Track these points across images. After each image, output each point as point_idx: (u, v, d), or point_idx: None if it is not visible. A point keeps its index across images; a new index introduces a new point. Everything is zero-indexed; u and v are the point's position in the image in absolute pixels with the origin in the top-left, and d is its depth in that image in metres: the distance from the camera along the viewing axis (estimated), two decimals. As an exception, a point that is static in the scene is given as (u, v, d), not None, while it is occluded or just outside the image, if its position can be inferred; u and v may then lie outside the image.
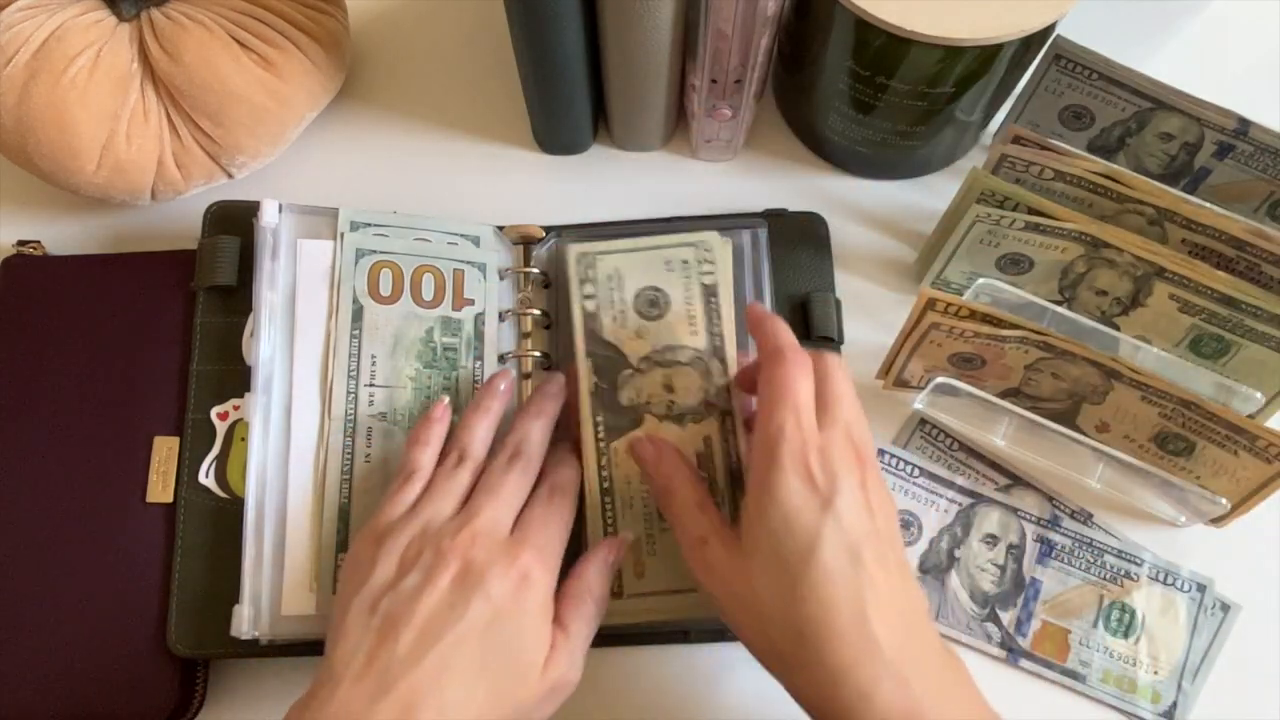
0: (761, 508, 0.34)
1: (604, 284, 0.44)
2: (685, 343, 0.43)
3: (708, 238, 0.44)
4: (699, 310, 0.43)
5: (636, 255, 0.44)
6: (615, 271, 0.44)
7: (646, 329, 0.44)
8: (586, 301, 0.44)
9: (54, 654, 0.44)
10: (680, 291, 0.44)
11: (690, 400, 0.43)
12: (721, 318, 0.43)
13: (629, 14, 0.45)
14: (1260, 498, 0.45)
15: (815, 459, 0.34)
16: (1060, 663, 0.47)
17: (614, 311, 0.44)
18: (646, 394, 0.43)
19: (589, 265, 0.44)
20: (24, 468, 0.47)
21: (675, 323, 0.43)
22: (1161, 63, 0.50)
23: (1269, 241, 0.44)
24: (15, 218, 0.55)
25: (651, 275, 0.44)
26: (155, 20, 0.48)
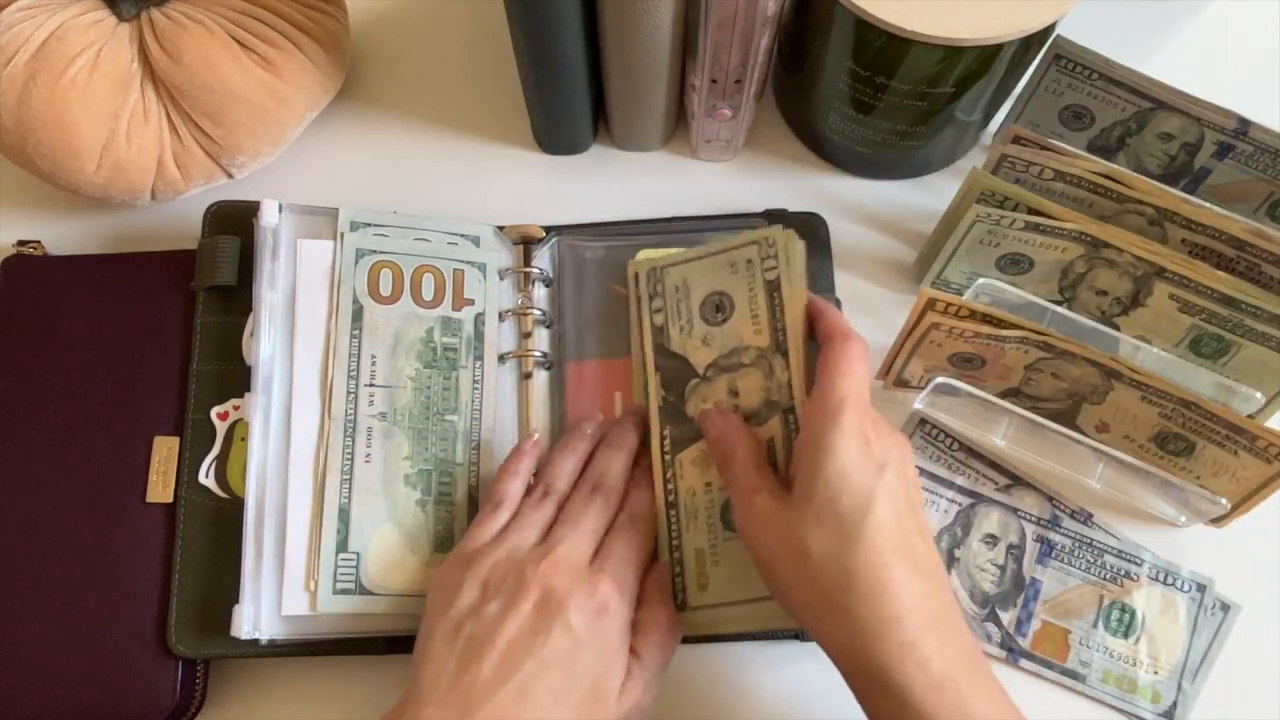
0: (817, 463, 0.35)
1: (671, 296, 0.45)
2: (749, 342, 0.43)
3: (771, 233, 0.43)
4: (762, 307, 0.43)
5: (704, 263, 0.44)
6: (683, 282, 0.44)
7: (712, 335, 0.43)
8: (655, 315, 0.44)
9: (54, 654, 0.44)
10: (744, 291, 0.43)
11: (753, 401, 0.42)
12: (785, 311, 0.42)
13: (629, 14, 0.45)
14: (1260, 498, 0.45)
15: (871, 429, 0.36)
16: (1060, 663, 0.47)
17: (680, 322, 0.44)
18: (712, 401, 0.43)
19: (657, 280, 0.45)
20: (24, 468, 0.47)
21: (739, 324, 0.43)
22: (1161, 63, 0.50)
23: (1269, 241, 0.44)
24: (15, 218, 0.55)
25: (718, 280, 0.44)
26: (155, 20, 0.49)
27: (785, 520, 0.36)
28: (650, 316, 0.44)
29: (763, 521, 0.37)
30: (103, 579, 0.45)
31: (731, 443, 0.41)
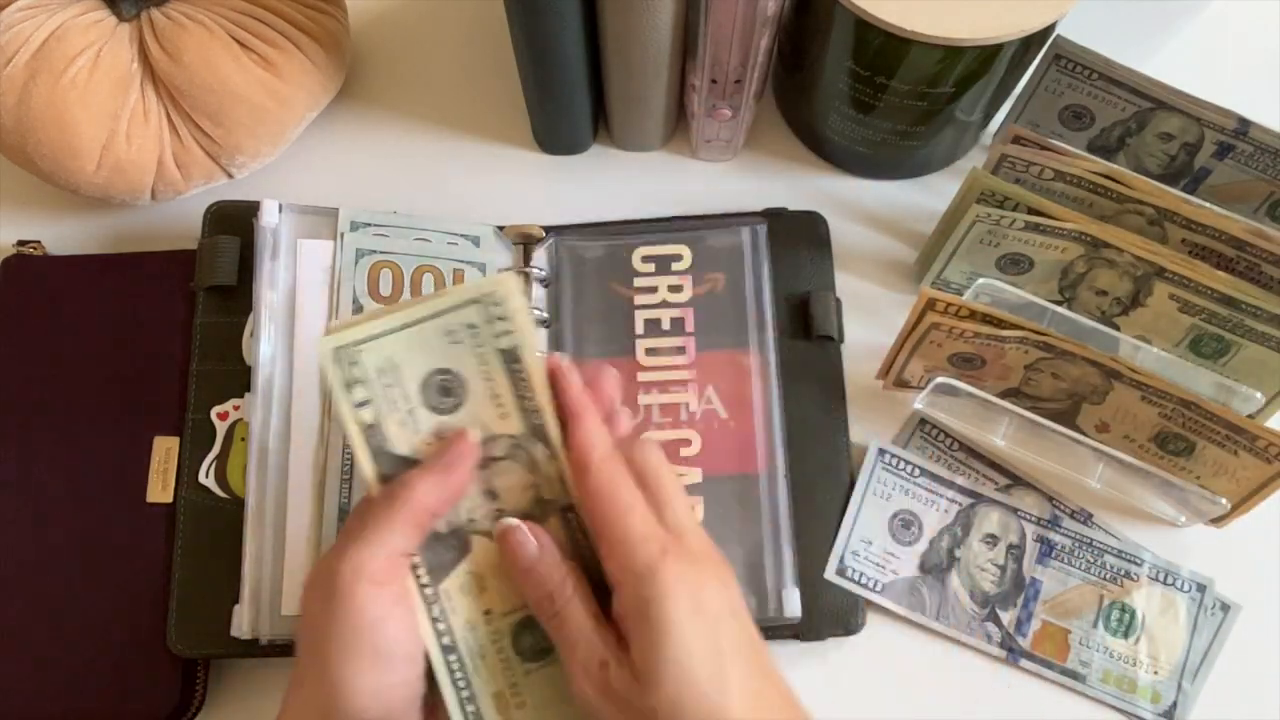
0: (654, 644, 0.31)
1: (377, 382, 0.33)
2: (497, 431, 0.34)
3: (494, 286, 0.33)
4: (503, 385, 0.34)
5: (410, 334, 0.33)
6: (388, 362, 0.33)
7: (446, 427, 0.34)
8: (361, 411, 0.33)
9: (54, 654, 0.44)
10: (474, 366, 0.34)
11: (521, 502, 0.34)
12: (533, 386, 0.33)
13: (629, 14, 0.45)
14: (1260, 498, 0.45)
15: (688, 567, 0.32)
16: (1060, 663, 0.47)
17: (399, 415, 0.34)
18: (465, 510, 0.34)
19: (352, 361, 0.33)
20: (24, 467, 0.47)
21: (479, 409, 0.34)
22: (1161, 63, 0.50)
23: (1269, 241, 0.44)
24: (15, 218, 0.55)
25: (434, 355, 0.33)
26: (155, 20, 0.49)
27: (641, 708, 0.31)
28: (356, 413, 0.33)
29: (620, 704, 0.32)
30: (103, 579, 0.45)
31: (554, 580, 0.33)
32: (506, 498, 0.34)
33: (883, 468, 0.49)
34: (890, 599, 0.47)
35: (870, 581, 0.47)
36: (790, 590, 0.46)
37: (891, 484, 0.49)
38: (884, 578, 0.48)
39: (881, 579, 0.48)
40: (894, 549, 0.48)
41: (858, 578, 0.47)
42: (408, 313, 0.33)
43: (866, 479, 0.49)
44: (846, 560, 0.48)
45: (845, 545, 0.48)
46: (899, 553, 0.48)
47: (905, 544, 0.48)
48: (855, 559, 0.48)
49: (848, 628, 0.46)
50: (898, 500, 0.49)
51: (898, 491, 0.49)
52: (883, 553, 0.48)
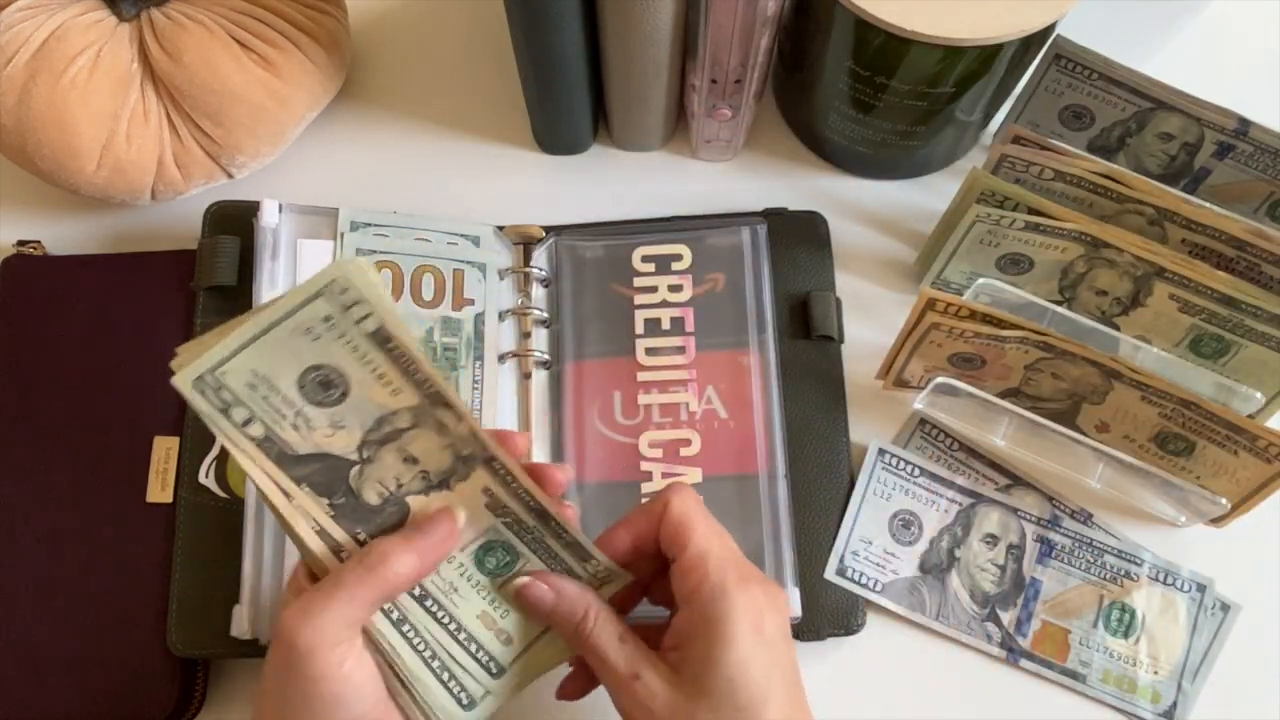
0: (713, 655, 0.34)
1: (252, 397, 0.33)
2: (394, 405, 0.34)
3: (334, 274, 0.31)
4: (385, 366, 0.33)
5: (265, 343, 0.32)
6: (254, 376, 0.32)
7: (340, 415, 0.34)
8: (249, 428, 0.33)
9: (54, 654, 0.44)
10: (348, 355, 0.33)
11: (442, 461, 0.35)
12: (417, 361, 0.33)
13: (629, 14, 0.45)
14: (1260, 498, 0.45)
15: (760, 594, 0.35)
16: (1060, 663, 0.47)
17: (289, 421, 0.33)
18: (392, 478, 0.35)
19: (218, 387, 0.32)
20: (24, 468, 0.47)
21: (368, 392, 0.34)
22: (1161, 63, 0.50)
23: (1269, 241, 0.44)
24: (15, 218, 0.55)
25: (301, 356, 0.33)
26: (155, 20, 0.49)
27: (676, 711, 0.34)
28: (243, 432, 0.33)
29: (648, 713, 0.34)
30: (103, 579, 0.45)
31: (577, 611, 0.36)
32: (427, 460, 0.35)
33: (883, 468, 0.49)
34: (890, 599, 0.47)
35: (870, 581, 0.47)
36: (790, 590, 0.46)
37: (891, 484, 0.49)
38: (884, 578, 0.48)
39: (881, 579, 0.48)
40: (894, 549, 0.48)
41: (858, 578, 0.47)
42: (254, 323, 0.32)
43: (866, 479, 0.49)
44: (846, 560, 0.48)
45: (845, 545, 0.48)
46: (899, 553, 0.48)
47: (905, 544, 0.48)
48: (855, 559, 0.48)
49: (848, 628, 0.46)
50: (898, 500, 0.49)
51: (898, 491, 0.49)
52: (883, 553, 0.48)
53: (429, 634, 0.37)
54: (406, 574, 0.35)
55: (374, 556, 0.34)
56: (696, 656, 0.34)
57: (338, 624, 0.34)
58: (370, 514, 0.35)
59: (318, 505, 0.35)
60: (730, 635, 0.34)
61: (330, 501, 0.35)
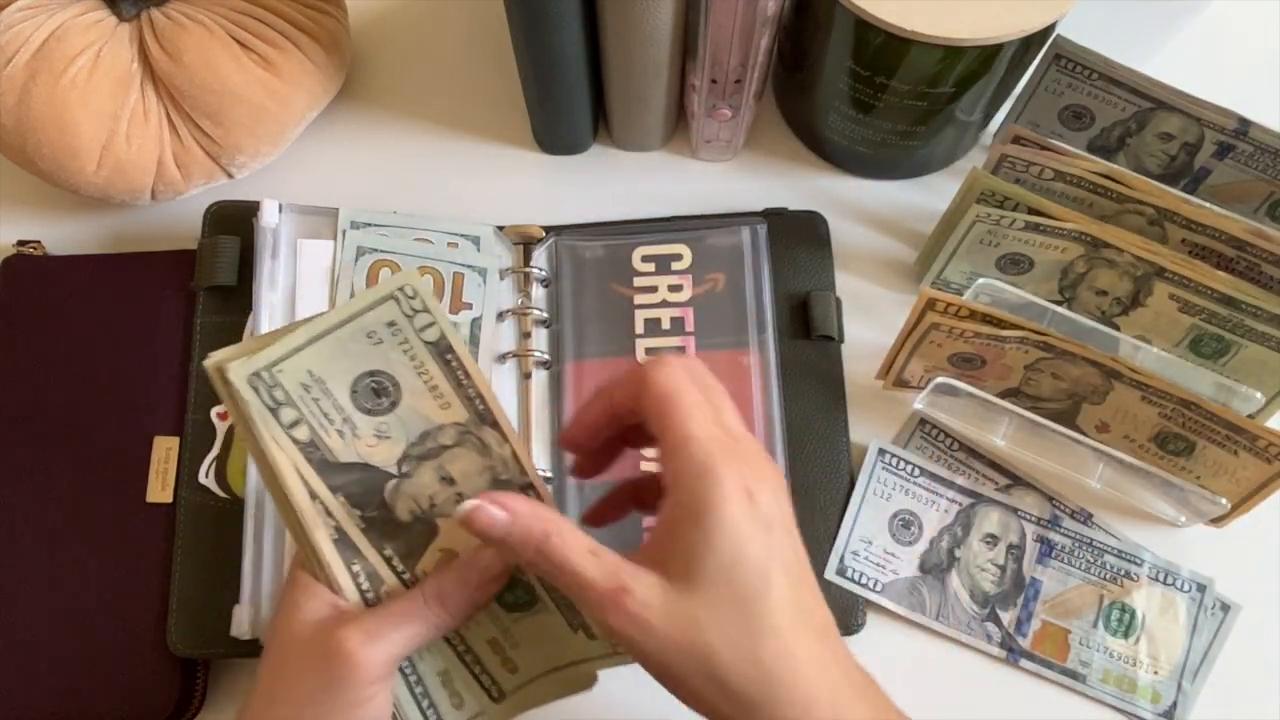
0: (705, 540, 0.30)
1: (304, 399, 0.32)
2: (441, 420, 0.34)
3: (406, 280, 0.32)
4: (439, 378, 0.33)
5: (326, 343, 0.32)
6: (309, 376, 0.32)
7: (386, 425, 0.34)
8: (295, 430, 0.32)
9: (54, 654, 0.44)
10: (404, 363, 0.33)
11: (479, 485, 0.35)
12: (470, 375, 0.34)
13: (629, 14, 0.45)
14: (1260, 498, 0.45)
15: (748, 470, 0.31)
16: (1060, 663, 0.47)
17: (335, 426, 0.33)
18: (427, 496, 0.35)
19: (272, 385, 0.32)
20: (24, 468, 0.47)
21: (418, 403, 0.34)
22: (1161, 63, 0.50)
23: (1269, 241, 0.44)
24: (15, 218, 0.55)
25: (360, 359, 0.33)
26: (155, 20, 0.49)
27: (675, 617, 0.30)
28: (289, 433, 0.32)
29: (645, 626, 0.30)
30: (103, 579, 0.45)
31: (537, 532, 0.31)
32: (465, 481, 0.35)
33: (883, 468, 0.49)
34: (890, 599, 0.47)
35: (870, 581, 0.47)
36: (790, 590, 0.46)
37: (891, 484, 0.49)
38: (884, 577, 0.48)
39: (881, 579, 0.48)
40: (894, 549, 0.48)
41: (858, 577, 0.47)
42: (319, 323, 0.32)
43: (866, 479, 0.49)
44: (846, 560, 0.48)
45: (845, 545, 0.48)
46: (899, 553, 0.48)
47: (905, 544, 0.48)
48: (855, 559, 0.48)
49: (848, 627, 0.46)
50: (898, 500, 0.49)
51: (898, 491, 0.49)
52: (883, 552, 0.48)
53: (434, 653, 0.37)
54: (463, 616, 0.35)
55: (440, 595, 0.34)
56: (684, 549, 0.31)
57: (396, 654, 0.33)
58: (399, 530, 0.35)
59: (350, 517, 0.34)
60: (719, 518, 0.30)
61: (363, 514, 0.34)
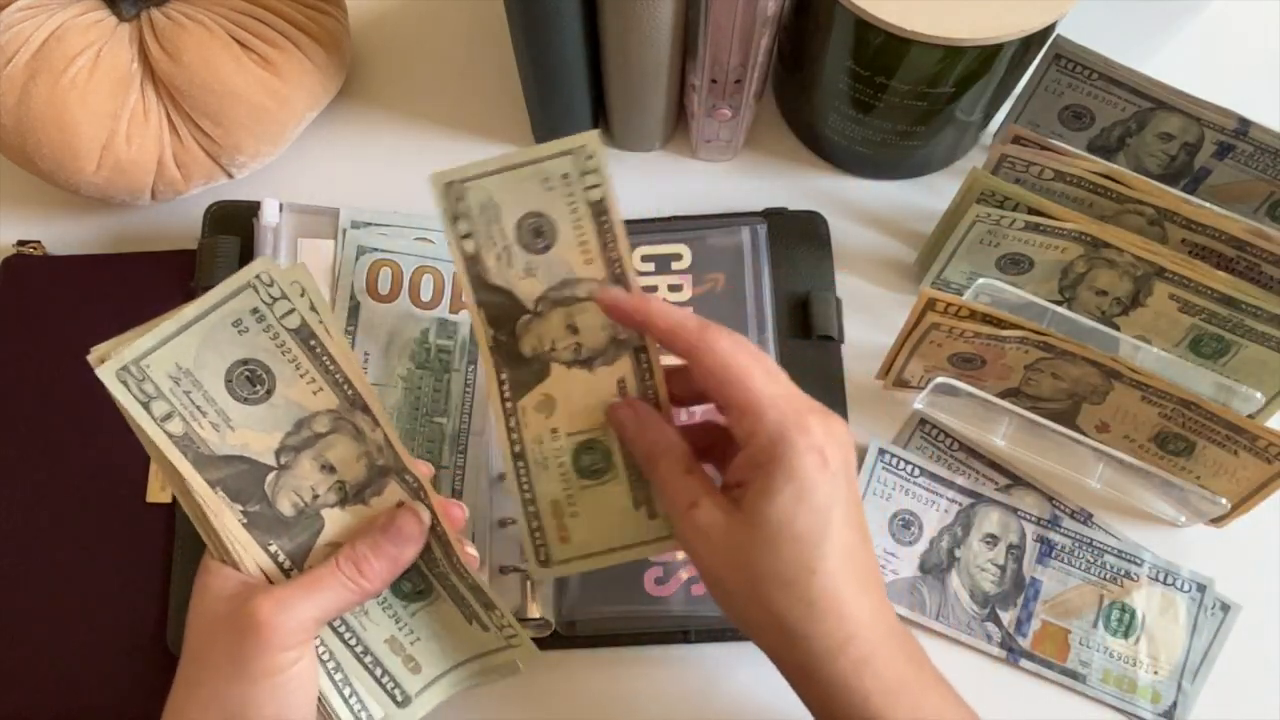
0: (773, 484, 0.33)
1: (479, 218, 0.36)
2: (581, 274, 0.37)
3: (586, 140, 0.36)
4: (590, 234, 0.36)
5: (511, 176, 0.36)
6: (489, 200, 0.36)
7: (536, 264, 0.37)
8: (465, 242, 0.36)
9: (54, 654, 0.44)
10: (566, 214, 0.36)
11: (598, 340, 0.37)
12: (617, 239, 0.36)
13: (629, 14, 0.45)
14: (1260, 498, 0.45)
15: (822, 429, 0.33)
16: (1060, 663, 0.47)
17: (497, 250, 0.37)
18: (550, 339, 0.37)
19: (459, 196, 0.36)
20: (24, 468, 0.47)
21: (567, 253, 0.37)
22: (1161, 63, 0.50)
23: (1269, 241, 0.44)
24: (15, 218, 0.55)
25: (530, 198, 0.36)
26: (155, 20, 0.48)
27: (734, 541, 0.34)
28: (460, 243, 0.36)
29: (706, 540, 0.35)
30: (103, 579, 0.45)
31: (651, 439, 0.37)
32: (586, 334, 0.37)
33: (883, 468, 0.49)
34: (890, 599, 0.47)
35: (870, 581, 0.47)
36: (790, 590, 0.46)
37: (891, 484, 0.49)
38: (884, 577, 0.48)
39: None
40: (894, 549, 0.48)
41: (858, 578, 0.47)
42: (509, 157, 0.36)
43: (866, 479, 0.49)
44: (846, 560, 0.48)
45: (845, 545, 0.48)
46: (899, 553, 0.48)
47: (905, 544, 0.48)
48: (855, 559, 0.48)
49: (848, 628, 0.46)
50: (898, 500, 0.49)
51: (898, 491, 0.49)
52: (883, 552, 0.48)
53: (338, 654, 0.38)
54: (382, 582, 0.36)
55: (354, 560, 0.35)
56: (756, 490, 0.33)
57: (310, 619, 0.34)
58: (284, 526, 0.35)
59: (231, 511, 0.34)
60: (790, 470, 0.33)
61: (244, 509, 0.35)
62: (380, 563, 0.35)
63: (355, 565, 0.35)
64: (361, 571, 0.35)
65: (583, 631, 0.46)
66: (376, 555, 0.35)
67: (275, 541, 0.35)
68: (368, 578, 0.35)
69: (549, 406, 0.38)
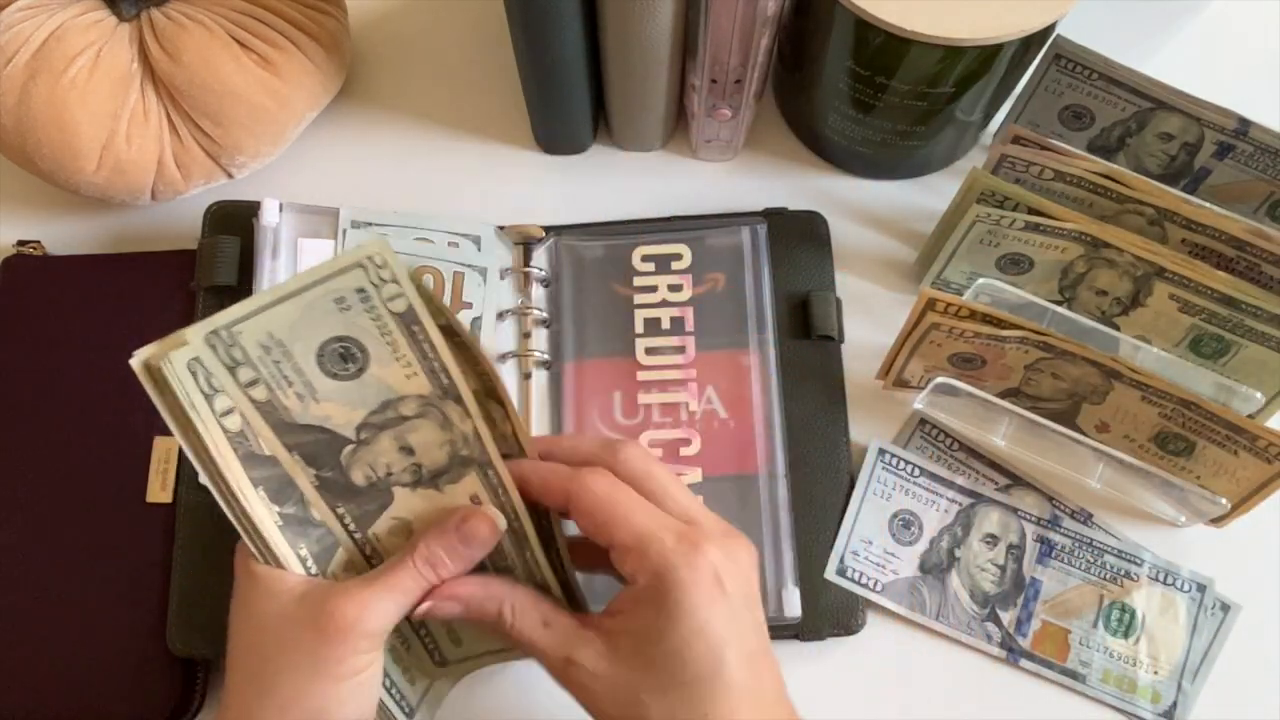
0: (662, 626, 0.31)
1: (264, 361, 0.32)
2: (405, 391, 0.33)
3: (372, 249, 0.31)
4: (406, 349, 0.33)
5: (294, 304, 0.31)
6: (269, 339, 0.32)
7: (349, 391, 0.33)
8: (252, 390, 0.32)
9: (54, 654, 0.44)
10: (374, 332, 0.32)
11: (439, 458, 0.35)
12: (436, 347, 0.33)
13: (629, 14, 0.45)
14: (1260, 498, 0.45)
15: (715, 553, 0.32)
16: (1060, 663, 0.47)
17: (295, 388, 0.33)
18: (384, 464, 0.35)
19: (230, 344, 0.31)
20: (24, 468, 0.47)
21: (383, 372, 0.33)
22: (1161, 63, 0.50)
23: (1269, 241, 0.44)
24: (15, 218, 0.55)
25: (327, 324, 0.32)
26: (155, 20, 0.49)
27: (620, 689, 0.32)
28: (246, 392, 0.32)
29: (589, 693, 0.33)
30: (102, 579, 0.45)
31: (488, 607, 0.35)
32: (423, 453, 0.35)
33: (883, 468, 0.49)
34: (890, 599, 0.47)
35: (870, 581, 0.47)
36: (790, 590, 0.46)
37: (891, 484, 0.49)
38: (884, 577, 0.48)
39: (881, 579, 0.48)
40: (894, 549, 0.48)
41: (858, 578, 0.47)
42: (283, 287, 0.31)
43: (866, 479, 0.49)
44: (846, 560, 0.48)
45: (845, 545, 0.48)
46: (899, 553, 0.48)
47: (905, 544, 0.48)
48: (855, 559, 0.48)
49: (848, 628, 0.46)
50: (898, 500, 0.49)
51: (898, 491, 0.49)
52: (883, 552, 0.48)
53: None
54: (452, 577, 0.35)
55: (431, 561, 0.34)
56: (639, 628, 0.32)
57: (391, 620, 0.34)
58: (354, 493, 0.35)
59: (305, 474, 0.34)
60: (677, 609, 0.31)
61: (318, 473, 0.34)
62: (456, 564, 0.35)
63: (431, 566, 0.35)
64: (437, 572, 0.35)
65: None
66: (452, 558, 0.35)
67: (343, 505, 0.35)
68: (442, 576, 0.35)
69: (404, 529, 0.36)
